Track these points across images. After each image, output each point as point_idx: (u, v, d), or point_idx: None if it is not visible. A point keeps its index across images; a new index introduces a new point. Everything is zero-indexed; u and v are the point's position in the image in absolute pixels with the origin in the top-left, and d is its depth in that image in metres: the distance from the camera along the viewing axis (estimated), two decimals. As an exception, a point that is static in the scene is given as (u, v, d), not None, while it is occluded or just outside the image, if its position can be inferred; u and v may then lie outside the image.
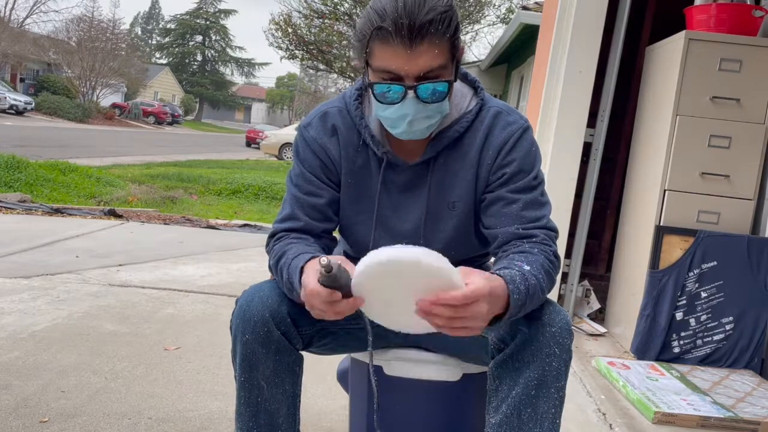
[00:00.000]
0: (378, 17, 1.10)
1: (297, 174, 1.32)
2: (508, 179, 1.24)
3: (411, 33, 1.08)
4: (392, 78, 1.13)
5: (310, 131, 1.32)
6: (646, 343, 2.61)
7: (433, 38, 1.09)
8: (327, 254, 1.30)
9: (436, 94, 1.14)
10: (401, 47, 1.09)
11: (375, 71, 1.15)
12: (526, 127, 1.28)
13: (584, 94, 2.94)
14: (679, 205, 2.64)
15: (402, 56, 1.10)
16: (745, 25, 2.68)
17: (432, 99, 1.14)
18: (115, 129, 27.22)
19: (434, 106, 1.15)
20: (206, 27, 57.20)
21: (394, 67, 1.11)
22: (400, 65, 1.11)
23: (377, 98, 1.16)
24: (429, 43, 1.09)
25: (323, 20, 18.56)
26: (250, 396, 1.23)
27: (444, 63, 1.13)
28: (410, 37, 1.08)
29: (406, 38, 1.08)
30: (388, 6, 1.09)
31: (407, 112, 1.15)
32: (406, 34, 1.08)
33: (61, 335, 2.54)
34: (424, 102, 1.14)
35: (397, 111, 1.15)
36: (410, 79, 1.12)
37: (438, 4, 1.10)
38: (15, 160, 7.87)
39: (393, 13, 1.08)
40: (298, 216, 1.29)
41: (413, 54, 1.10)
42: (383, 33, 1.09)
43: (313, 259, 1.13)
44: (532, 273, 1.10)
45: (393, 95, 1.14)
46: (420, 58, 1.10)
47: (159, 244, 4.51)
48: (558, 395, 1.14)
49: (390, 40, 1.09)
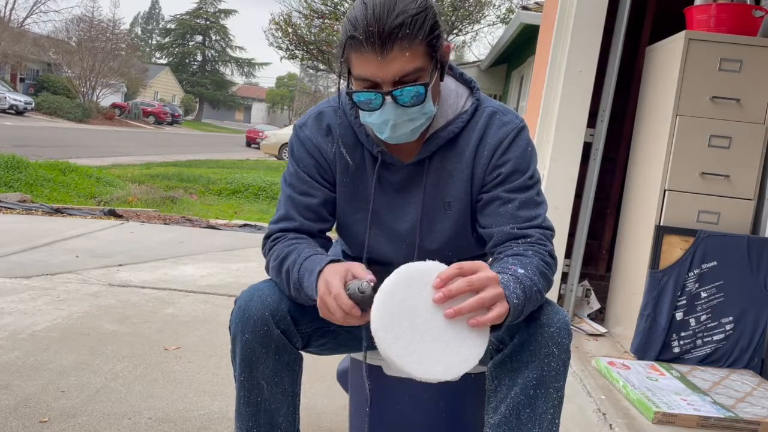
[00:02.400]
0: (351, 26, 1.11)
1: (291, 174, 1.32)
2: (503, 179, 1.24)
3: (381, 39, 1.08)
4: (370, 85, 1.13)
5: (305, 131, 1.32)
6: (646, 343, 2.61)
7: (403, 42, 1.09)
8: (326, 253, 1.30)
9: (415, 97, 1.14)
10: (373, 54, 1.10)
11: (355, 79, 1.16)
12: (522, 127, 1.28)
13: (584, 94, 2.94)
14: (679, 205, 2.64)
15: (374, 63, 1.10)
16: (745, 25, 2.68)
17: (411, 102, 1.14)
18: (115, 129, 27.22)
19: (415, 109, 1.15)
20: (206, 27, 57.19)
21: (369, 74, 1.12)
22: (374, 72, 1.11)
23: (360, 106, 1.17)
24: (400, 47, 1.09)
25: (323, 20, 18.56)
26: (250, 395, 1.23)
27: (420, 66, 1.12)
28: (381, 43, 1.08)
29: (377, 45, 1.09)
30: (359, 14, 1.10)
31: (388, 118, 1.15)
32: (376, 41, 1.08)
33: (61, 335, 2.54)
34: (403, 106, 1.14)
35: (379, 117, 1.16)
36: (387, 85, 1.12)
37: (409, 7, 1.09)
38: (15, 160, 7.87)
39: (363, 21, 1.09)
40: (293, 216, 1.30)
41: (385, 60, 1.10)
42: (356, 42, 1.10)
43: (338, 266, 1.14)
44: (527, 276, 1.10)
45: (373, 103, 1.14)
46: (392, 64, 1.10)
47: (159, 244, 4.51)
48: (557, 395, 1.15)
49: (362, 48, 1.10)
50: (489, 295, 1.02)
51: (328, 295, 1.09)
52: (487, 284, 1.02)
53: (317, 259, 1.18)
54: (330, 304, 1.08)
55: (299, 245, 1.24)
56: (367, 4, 1.09)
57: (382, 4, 1.08)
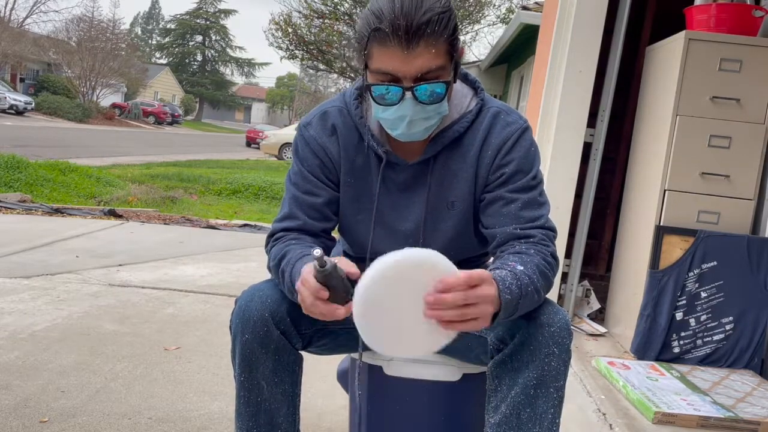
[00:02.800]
0: (375, 19, 1.10)
1: (296, 173, 1.32)
2: (507, 179, 1.24)
3: (408, 34, 1.08)
4: (390, 79, 1.13)
5: (309, 130, 1.32)
6: (646, 343, 2.61)
7: (430, 39, 1.09)
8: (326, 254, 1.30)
9: (434, 96, 1.14)
10: (398, 49, 1.09)
11: (373, 73, 1.14)
12: (526, 128, 1.28)
13: (584, 94, 2.94)
14: (679, 205, 2.64)
15: (399, 58, 1.10)
16: (745, 25, 2.68)
17: (430, 100, 1.14)
18: (115, 129, 27.22)
19: (432, 107, 1.15)
20: (206, 27, 57.19)
21: (391, 68, 1.11)
22: (397, 67, 1.11)
23: (376, 100, 1.16)
24: (426, 44, 1.09)
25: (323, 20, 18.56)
26: (250, 396, 1.23)
27: (442, 64, 1.12)
28: (407, 38, 1.08)
29: (402, 40, 1.08)
30: (385, 7, 1.09)
31: (405, 114, 1.15)
32: (402, 36, 1.08)
33: (61, 335, 2.54)
34: (422, 103, 1.14)
35: (396, 112, 1.15)
36: (408, 80, 1.12)
37: (435, 5, 1.09)
38: (15, 160, 7.87)
39: (390, 14, 1.08)
40: (297, 215, 1.29)
41: (410, 55, 1.09)
42: (380, 35, 1.09)
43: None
44: (525, 273, 1.10)
45: (391, 97, 1.14)
46: (417, 60, 1.10)
47: (159, 244, 4.51)
48: (557, 395, 1.14)
49: (387, 41, 1.09)
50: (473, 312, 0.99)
51: (300, 284, 1.07)
52: (479, 302, 1.00)
53: (308, 259, 1.17)
54: (302, 292, 1.07)
55: (297, 245, 1.24)
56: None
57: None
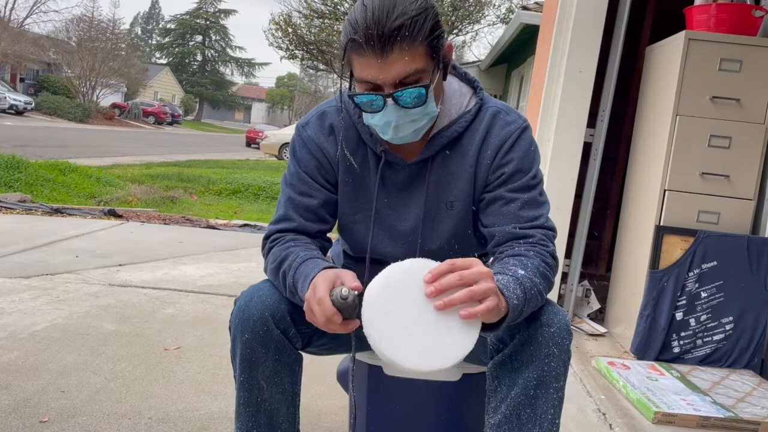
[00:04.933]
0: (351, 29, 1.11)
1: (292, 174, 1.32)
2: (506, 179, 1.24)
3: (381, 42, 1.08)
4: (372, 87, 1.13)
5: (307, 130, 1.32)
6: (646, 343, 2.61)
7: (403, 44, 1.09)
8: (324, 255, 1.30)
9: (417, 99, 1.14)
10: (373, 57, 1.10)
11: (357, 81, 1.16)
12: (525, 127, 1.28)
13: (584, 94, 2.94)
14: (679, 205, 2.64)
15: (375, 66, 1.10)
16: (745, 25, 2.68)
17: (413, 104, 1.14)
18: (115, 129, 27.23)
19: (417, 110, 1.15)
20: (206, 27, 57.18)
21: (370, 77, 1.12)
22: (374, 75, 1.11)
23: (361, 108, 1.17)
24: (400, 49, 1.09)
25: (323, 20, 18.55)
26: (250, 396, 1.23)
27: (421, 66, 1.12)
28: (380, 46, 1.08)
29: (376, 48, 1.08)
30: (359, 17, 1.10)
31: (390, 119, 1.15)
32: (376, 44, 1.08)
33: (61, 335, 2.54)
34: (405, 108, 1.14)
35: (381, 119, 1.16)
36: (388, 87, 1.12)
37: (409, 8, 1.09)
38: (15, 160, 7.87)
39: (363, 23, 1.09)
40: (292, 217, 1.30)
41: (385, 62, 1.10)
42: (356, 45, 1.10)
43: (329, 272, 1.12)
44: (527, 276, 1.10)
45: (375, 105, 1.14)
46: (393, 66, 1.10)
47: (159, 244, 4.51)
48: (557, 395, 1.14)
49: (362, 51, 1.10)
50: (480, 288, 1.01)
51: (313, 298, 1.09)
52: (478, 278, 1.02)
53: (312, 263, 1.17)
54: (314, 309, 1.08)
55: (296, 248, 1.24)
56: (367, 6, 1.09)
57: (381, 6, 1.08)
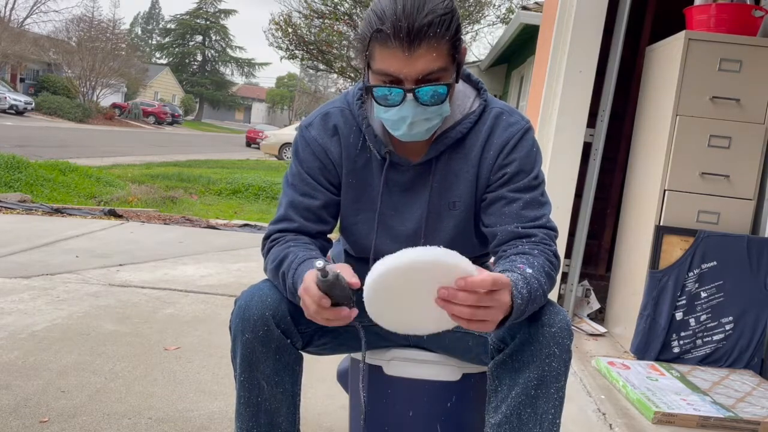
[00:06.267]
0: (377, 20, 1.10)
1: (294, 174, 1.32)
2: (508, 179, 1.24)
3: (409, 36, 1.07)
4: (392, 81, 1.13)
5: (311, 131, 1.32)
6: (646, 343, 2.61)
7: (431, 41, 1.09)
8: (324, 255, 1.30)
9: (436, 97, 1.14)
10: (399, 50, 1.09)
11: (375, 73, 1.14)
12: (528, 128, 1.28)
13: (584, 94, 2.94)
14: (679, 205, 2.64)
15: (401, 59, 1.10)
16: (745, 25, 2.68)
17: (432, 102, 1.14)
18: (115, 129, 27.22)
19: (434, 108, 1.15)
20: (206, 27, 57.19)
21: (393, 70, 1.11)
22: (398, 68, 1.11)
23: (377, 101, 1.16)
24: (428, 45, 1.09)
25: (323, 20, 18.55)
26: (250, 395, 1.23)
27: (444, 65, 1.12)
28: (408, 40, 1.08)
29: (404, 41, 1.08)
30: (388, 8, 1.09)
31: (407, 115, 1.15)
32: (404, 37, 1.08)
33: (61, 335, 2.54)
34: (423, 105, 1.14)
35: (397, 114, 1.15)
36: (409, 81, 1.12)
37: (437, 6, 1.09)
38: (15, 160, 7.87)
39: (392, 15, 1.08)
40: (292, 218, 1.29)
41: (412, 57, 1.09)
42: (382, 36, 1.09)
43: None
44: (534, 276, 1.10)
45: (393, 98, 1.14)
46: (419, 61, 1.10)
47: (159, 244, 4.51)
48: (558, 395, 1.14)
49: (389, 42, 1.09)
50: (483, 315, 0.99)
51: (303, 292, 1.08)
52: (492, 305, 0.99)
53: (311, 263, 1.17)
54: (304, 299, 1.08)
55: (296, 248, 1.24)
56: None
57: (412, 0, 1.08)
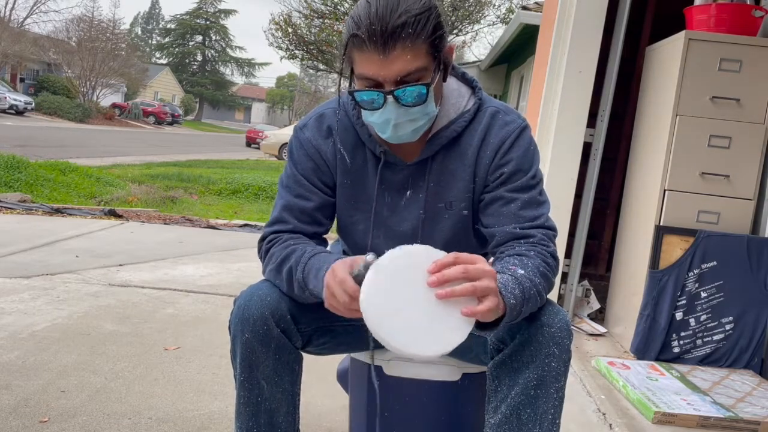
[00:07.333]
0: (354, 25, 1.11)
1: (289, 176, 1.32)
2: (506, 179, 1.24)
3: (383, 38, 1.08)
4: (372, 84, 1.13)
5: (305, 132, 1.32)
6: (646, 343, 2.61)
7: (406, 42, 1.09)
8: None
9: (417, 97, 1.13)
10: (375, 53, 1.09)
11: (357, 78, 1.15)
12: (524, 127, 1.28)
13: (584, 94, 2.94)
14: (679, 205, 2.64)
15: (376, 62, 1.10)
16: (745, 25, 2.68)
17: (413, 102, 1.14)
18: (115, 129, 27.22)
19: (417, 109, 1.15)
20: (206, 27, 57.20)
21: (371, 73, 1.12)
22: (376, 71, 1.11)
23: (361, 105, 1.17)
24: (402, 47, 1.09)
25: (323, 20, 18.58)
26: (250, 395, 1.23)
27: (423, 65, 1.12)
28: (383, 42, 1.08)
29: (379, 44, 1.08)
30: (362, 13, 1.10)
31: (390, 117, 1.15)
32: (378, 40, 1.08)
33: (61, 335, 2.54)
34: (405, 106, 1.14)
35: (381, 116, 1.16)
36: (389, 84, 1.12)
37: (413, 6, 1.09)
38: (15, 160, 7.87)
39: (366, 19, 1.08)
40: (287, 220, 1.29)
41: (387, 59, 1.09)
42: (358, 40, 1.10)
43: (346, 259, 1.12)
44: (526, 276, 1.10)
45: (374, 102, 1.14)
46: (395, 63, 1.10)
47: (159, 244, 4.51)
48: (557, 395, 1.14)
49: (364, 47, 1.10)
50: (482, 285, 1.01)
51: (333, 280, 1.08)
52: (482, 276, 1.02)
53: (323, 257, 1.17)
54: (335, 290, 1.07)
55: (299, 245, 1.24)
56: (371, 2, 1.09)
57: (385, 3, 1.08)
